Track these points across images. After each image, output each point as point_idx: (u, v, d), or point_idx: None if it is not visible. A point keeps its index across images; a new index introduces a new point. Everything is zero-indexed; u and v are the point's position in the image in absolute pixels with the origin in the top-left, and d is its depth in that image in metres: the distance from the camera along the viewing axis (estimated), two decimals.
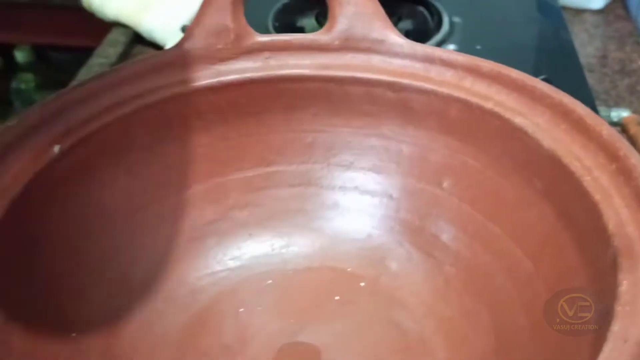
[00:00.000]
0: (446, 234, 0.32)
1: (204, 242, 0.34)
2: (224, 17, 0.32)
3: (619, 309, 0.21)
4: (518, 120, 0.29)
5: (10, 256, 0.26)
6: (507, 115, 0.29)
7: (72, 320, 0.29)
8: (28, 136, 0.28)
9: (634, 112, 0.54)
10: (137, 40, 0.65)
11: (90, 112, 0.30)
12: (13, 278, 0.26)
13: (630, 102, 0.57)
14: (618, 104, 0.57)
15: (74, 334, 0.28)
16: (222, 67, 0.32)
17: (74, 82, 0.30)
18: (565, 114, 0.28)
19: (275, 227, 0.34)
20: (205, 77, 0.32)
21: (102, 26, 0.68)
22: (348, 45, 0.32)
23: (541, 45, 0.60)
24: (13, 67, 1.00)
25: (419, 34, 0.54)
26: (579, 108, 0.28)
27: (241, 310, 0.32)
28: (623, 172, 0.25)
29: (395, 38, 0.32)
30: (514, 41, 0.59)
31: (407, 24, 0.56)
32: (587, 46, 0.65)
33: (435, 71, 0.31)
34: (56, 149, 0.28)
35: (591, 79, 0.59)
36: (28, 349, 0.25)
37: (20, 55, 0.98)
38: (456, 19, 0.59)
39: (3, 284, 0.26)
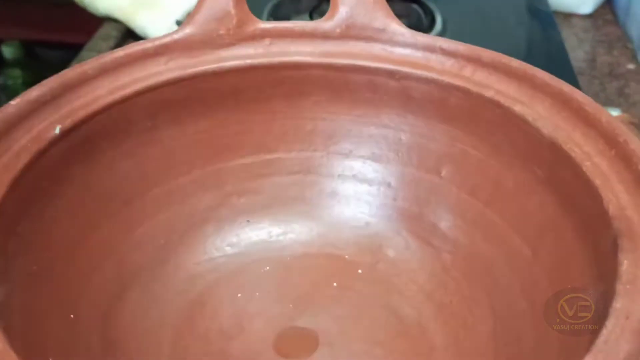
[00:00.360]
0: (444, 222, 0.32)
1: (202, 228, 0.34)
2: (226, 2, 0.32)
3: (620, 287, 0.22)
4: (518, 108, 0.29)
5: (9, 235, 0.26)
6: (508, 103, 0.29)
7: (71, 303, 0.28)
8: (29, 115, 0.28)
9: (623, 113, 0.55)
10: (129, 35, 0.65)
11: (90, 93, 0.30)
12: (13, 257, 0.26)
13: (619, 104, 0.58)
14: (607, 106, 0.58)
15: (71, 316, 0.28)
16: (224, 52, 0.32)
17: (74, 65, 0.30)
18: (565, 102, 0.28)
19: (273, 214, 0.34)
20: (207, 62, 0.32)
21: (92, 23, 0.68)
22: (349, 33, 0.33)
23: (533, 48, 0.61)
24: (0, 63, 0.99)
25: None
26: (579, 96, 0.28)
27: (239, 295, 0.32)
28: (622, 157, 0.25)
29: (396, 27, 0.32)
30: (506, 43, 0.59)
31: (401, 21, 0.57)
32: (576, 50, 0.66)
33: (436, 60, 0.32)
34: (57, 129, 0.28)
35: (580, 82, 0.60)
36: (26, 327, 0.25)
37: (7, 51, 0.97)
38: (448, 20, 0.60)
39: (2, 261, 0.25)
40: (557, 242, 0.27)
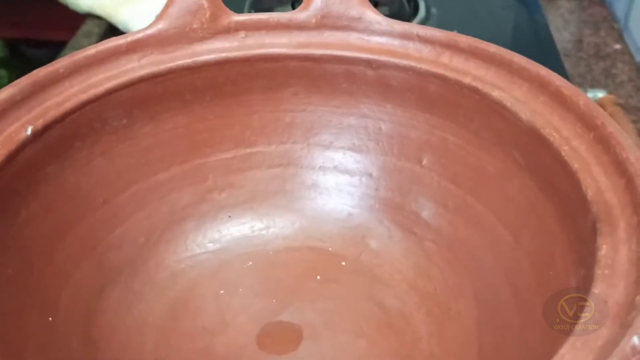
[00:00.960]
0: (427, 210, 0.32)
1: (182, 225, 0.33)
2: None
3: (598, 272, 0.21)
4: (496, 93, 0.29)
5: None
6: (486, 89, 0.29)
7: (49, 305, 0.28)
8: None
9: (609, 94, 0.55)
10: (112, 31, 0.64)
11: (63, 92, 0.29)
12: None
13: (606, 85, 0.58)
14: (594, 87, 0.57)
15: (50, 318, 0.27)
16: (198, 46, 0.32)
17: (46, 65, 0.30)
18: (543, 86, 0.28)
19: (255, 209, 0.34)
20: (181, 57, 0.32)
21: (76, 20, 0.67)
22: (325, 23, 0.32)
23: (518, 31, 0.60)
24: None
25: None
26: (556, 79, 0.28)
27: (222, 292, 0.32)
28: (601, 140, 0.25)
29: (372, 15, 0.32)
30: (490, 26, 0.59)
31: (383, 10, 0.56)
32: (562, 31, 0.65)
33: (413, 48, 0.31)
34: (28, 130, 0.28)
35: (567, 64, 0.60)
36: (2, 330, 0.25)
37: None
38: (432, 5, 0.59)
39: None
40: (538, 227, 0.27)
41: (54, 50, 0.69)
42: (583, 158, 0.25)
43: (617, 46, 0.63)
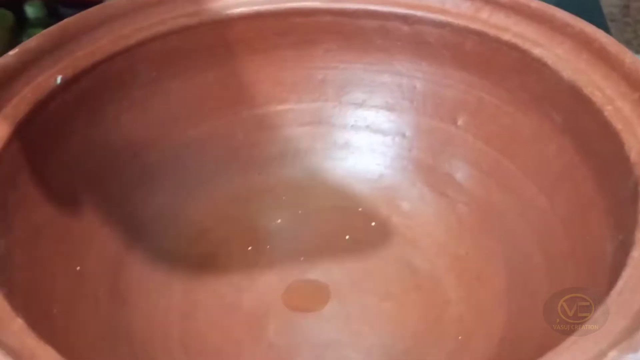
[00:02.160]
0: (460, 172, 0.31)
1: (212, 181, 0.33)
2: None
3: (639, 235, 0.20)
4: (537, 51, 0.28)
5: (9, 188, 0.26)
6: (526, 46, 0.28)
7: (77, 256, 0.28)
8: (29, 66, 0.27)
9: None
10: None
11: (93, 43, 0.29)
12: (14, 209, 0.26)
13: None
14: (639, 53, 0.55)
15: (78, 268, 0.28)
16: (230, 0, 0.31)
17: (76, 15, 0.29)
18: (586, 43, 0.27)
19: (285, 167, 0.34)
20: (212, 10, 0.31)
21: None
22: None
23: None
24: (23, 23, 0.99)
25: None
26: (601, 36, 0.26)
27: (250, 248, 0.32)
28: None
29: None
30: None
31: None
32: None
33: (450, 3, 0.30)
34: (58, 79, 0.27)
35: (613, 29, 0.58)
36: (29, 280, 0.25)
37: (30, 11, 0.97)
38: None
39: (2, 214, 0.25)
40: (574, 191, 0.26)
41: None
42: (627, 118, 0.24)
43: None
